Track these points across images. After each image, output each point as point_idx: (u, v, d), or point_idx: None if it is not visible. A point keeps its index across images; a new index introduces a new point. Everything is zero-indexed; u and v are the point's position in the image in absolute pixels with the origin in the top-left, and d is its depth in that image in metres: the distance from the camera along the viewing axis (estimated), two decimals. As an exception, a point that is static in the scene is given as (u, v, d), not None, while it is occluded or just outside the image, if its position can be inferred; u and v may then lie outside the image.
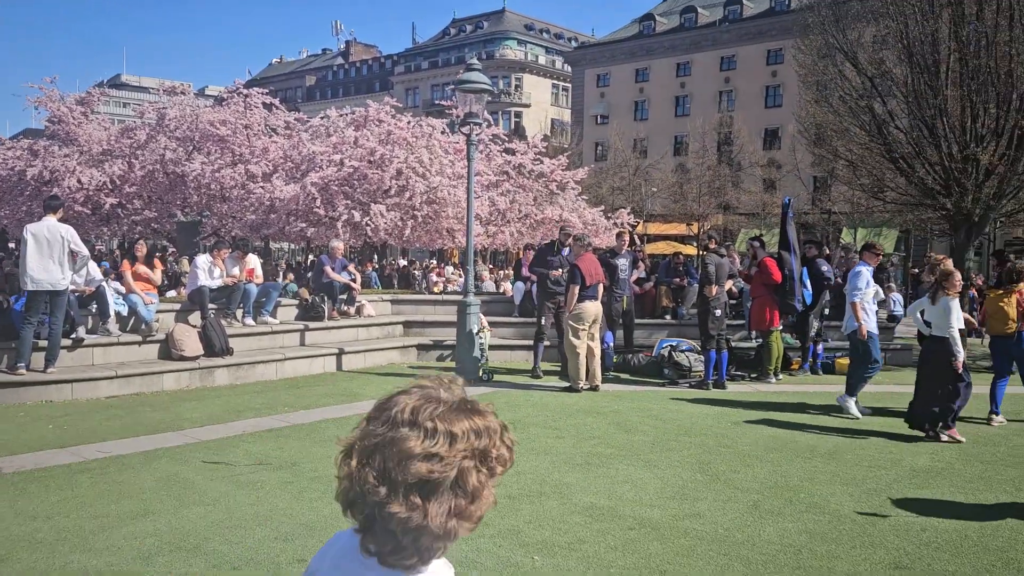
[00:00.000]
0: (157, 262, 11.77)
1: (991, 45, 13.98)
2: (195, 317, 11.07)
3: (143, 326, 10.48)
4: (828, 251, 16.24)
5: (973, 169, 14.33)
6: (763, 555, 4.91)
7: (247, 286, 11.79)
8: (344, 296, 13.42)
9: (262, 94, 23.37)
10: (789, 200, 12.85)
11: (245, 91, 22.98)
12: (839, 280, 12.56)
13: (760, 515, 5.66)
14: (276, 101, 24.19)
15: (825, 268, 12.81)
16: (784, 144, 45.22)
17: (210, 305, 11.05)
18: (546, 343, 12.11)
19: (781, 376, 11.99)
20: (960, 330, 8.23)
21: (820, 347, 12.86)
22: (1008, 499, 6.13)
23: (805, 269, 12.31)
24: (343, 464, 1.30)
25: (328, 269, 13.41)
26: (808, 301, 12.16)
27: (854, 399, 9.18)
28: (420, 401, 1.28)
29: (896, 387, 9.54)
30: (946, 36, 14.47)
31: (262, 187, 19.45)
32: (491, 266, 35.32)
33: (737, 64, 54.71)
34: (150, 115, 23.47)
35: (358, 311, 13.66)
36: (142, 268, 10.94)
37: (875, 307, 9.49)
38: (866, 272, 9.37)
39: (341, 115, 22.03)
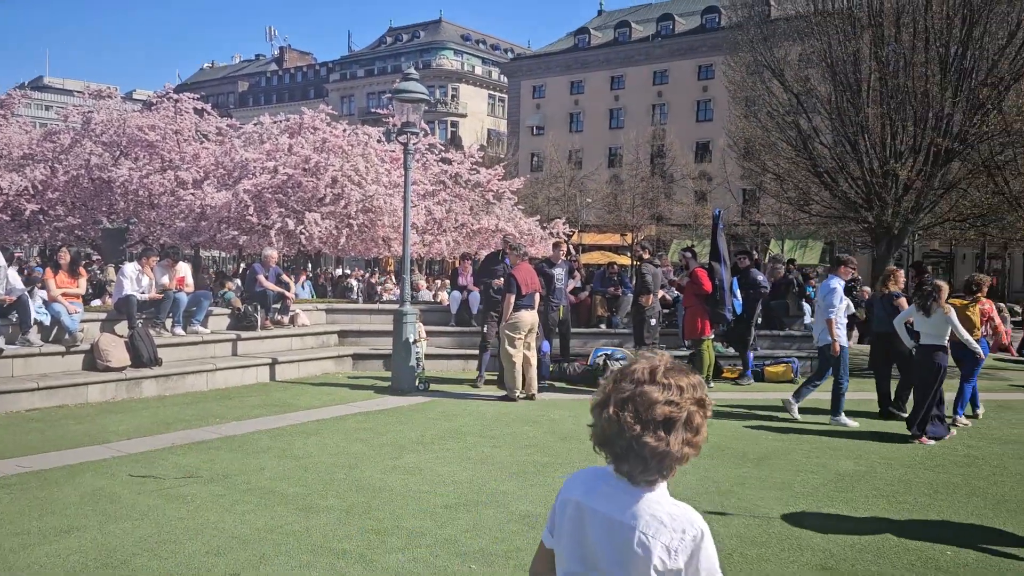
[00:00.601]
0: (81, 271, 11.37)
1: (908, 66, 14.49)
2: (122, 327, 10.70)
3: (66, 336, 10.09)
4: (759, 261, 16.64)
5: (893, 184, 14.81)
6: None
7: (177, 295, 11.46)
8: (278, 305, 13.18)
9: (193, 99, 22.86)
10: (719, 212, 13.13)
11: (175, 96, 22.44)
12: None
13: (714, 521, 5.75)
14: (208, 107, 23.69)
15: (760, 278, 13.12)
16: (715, 157, 46.35)
17: (138, 315, 10.74)
18: (492, 352, 12.07)
19: (713, 384, 12.20)
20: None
21: (751, 355, 13.15)
22: (926, 501, 6.37)
23: (736, 279, 12.59)
24: (600, 412, 1.85)
25: (261, 278, 13.16)
26: (738, 311, 12.43)
27: (842, 414, 9.46)
28: (652, 364, 1.81)
29: (824, 393, 9.79)
30: (867, 56, 14.94)
31: (192, 194, 18.99)
32: (427, 275, 35.16)
33: (669, 79, 55.85)
34: (75, 119, 22.74)
35: (292, 320, 13.44)
36: (65, 277, 10.59)
37: (845, 320, 9.80)
38: (840, 287, 9.66)
39: (275, 122, 21.64)
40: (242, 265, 27.45)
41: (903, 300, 9.96)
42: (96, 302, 14.73)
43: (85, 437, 7.86)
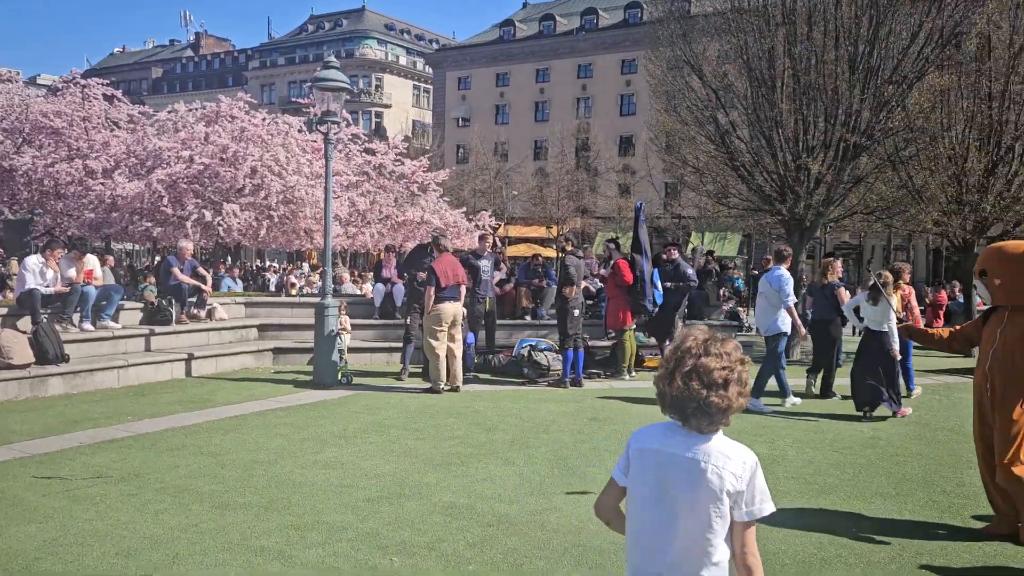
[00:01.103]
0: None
1: (819, 63, 14.85)
2: (25, 322, 10.23)
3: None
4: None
5: (805, 178, 15.21)
6: (615, 545, 5.05)
7: (85, 289, 10.98)
8: (194, 299, 12.83)
9: (102, 85, 21.99)
10: (641, 204, 13.31)
11: (83, 81, 21.56)
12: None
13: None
14: (119, 93, 22.82)
15: (690, 272, 13.30)
16: (638, 151, 46.94)
17: (42, 310, 10.27)
18: (416, 345, 11.97)
19: (635, 373, 12.42)
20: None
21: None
22: (833, 481, 6.61)
23: (656, 270, 12.79)
24: (667, 382, 2.32)
25: (176, 271, 12.77)
26: (659, 301, 12.62)
27: (790, 396, 9.99)
28: (702, 339, 2.30)
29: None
30: (781, 53, 15.21)
31: (102, 184, 18.31)
32: (351, 268, 34.70)
33: (594, 72, 56.30)
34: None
35: (209, 314, 13.08)
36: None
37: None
38: (791, 278, 10.15)
39: (190, 110, 21.03)
40: (156, 258, 26.58)
41: (842, 289, 10.45)
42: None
43: (-13, 437, 7.50)
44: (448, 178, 27.30)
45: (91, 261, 11.74)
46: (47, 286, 10.66)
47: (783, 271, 10.12)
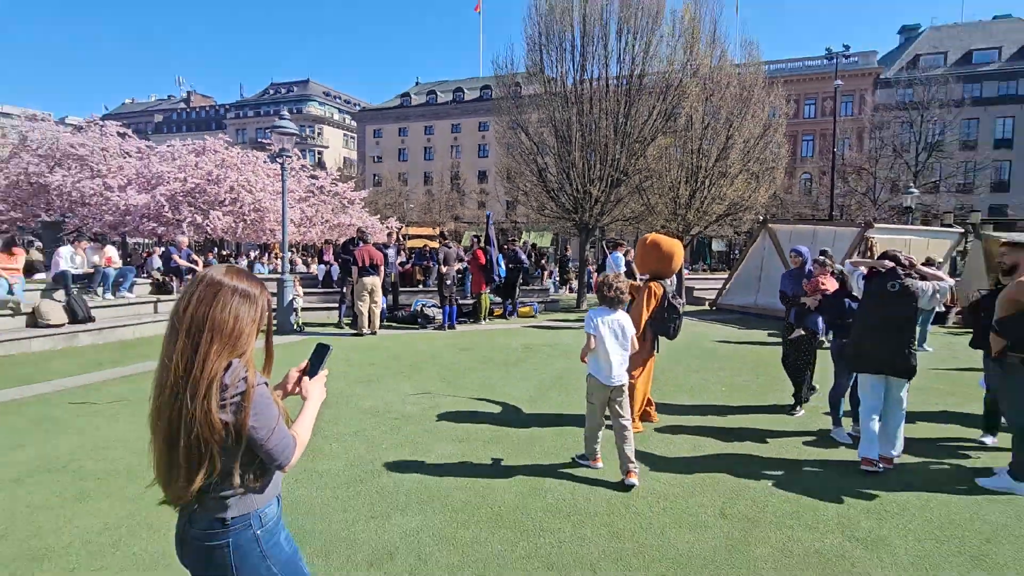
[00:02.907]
0: (16, 250, 9.42)
1: (596, 128, 15.29)
2: (60, 295, 9.09)
3: (10, 304, 8.40)
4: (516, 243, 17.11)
5: (589, 198, 15.72)
6: (473, 424, 5.18)
7: (106, 270, 9.88)
8: (189, 276, 11.73)
9: (116, 126, 19.45)
10: (490, 214, 13.33)
11: (101, 122, 19.00)
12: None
13: (473, 403, 5.95)
14: (129, 131, 20.24)
15: (523, 257, 13.51)
16: (490, 180, 46.92)
17: (73, 285, 9.12)
18: (347, 304, 11.56)
19: (488, 320, 12.55)
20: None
21: (514, 303, 13.59)
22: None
23: (501, 256, 12.91)
24: (606, 294, 3.82)
25: (176, 256, 11.67)
26: (503, 275, 12.76)
27: None
28: (613, 277, 3.88)
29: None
30: (575, 121, 15.53)
31: (118, 196, 16.30)
32: (303, 254, 32.78)
33: (461, 129, 55.57)
34: (12, 136, 18.57)
35: (201, 287, 12.03)
36: (4, 256, 8.75)
37: None
38: (622, 261, 10.30)
39: (184, 144, 19.04)
40: (161, 249, 24.01)
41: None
42: (40, 276, 12.30)
43: (30, 377, 6.64)
44: (367, 196, 26.23)
45: (110, 250, 10.55)
46: (76, 268, 9.48)
47: (619, 254, 10.45)
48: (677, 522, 3.44)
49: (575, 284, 20.33)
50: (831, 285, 5.35)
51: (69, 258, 9.44)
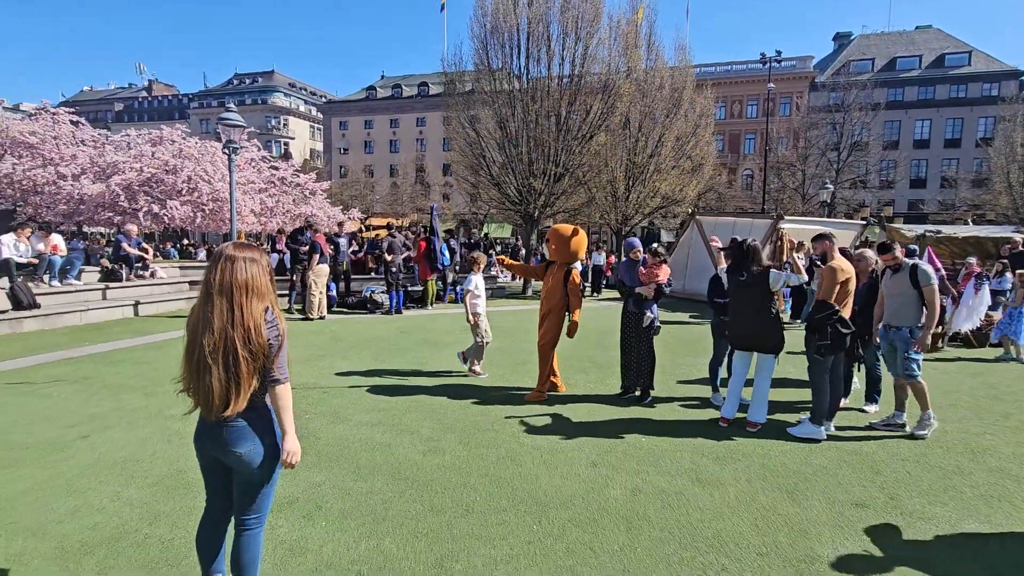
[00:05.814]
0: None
1: (539, 125, 15.44)
2: (3, 282, 8.88)
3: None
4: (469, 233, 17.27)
5: (533, 191, 16.00)
6: (395, 396, 5.46)
7: (51, 257, 9.68)
8: (139, 264, 11.60)
9: (68, 114, 18.64)
10: (434, 206, 13.46)
11: (53, 109, 18.19)
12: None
13: (401, 379, 6.21)
14: (82, 119, 19.40)
15: (447, 248, 13.62)
16: (454, 172, 46.56)
17: (17, 273, 8.93)
18: (298, 291, 11.55)
19: (434, 305, 12.77)
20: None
21: (457, 289, 13.81)
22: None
23: (444, 245, 13.10)
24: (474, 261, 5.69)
25: (124, 245, 11.46)
26: (446, 263, 12.96)
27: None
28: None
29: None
30: (519, 117, 15.63)
31: (71, 185, 15.76)
32: (261, 243, 32.14)
33: (426, 123, 54.99)
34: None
35: (152, 275, 11.88)
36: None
37: None
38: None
39: (139, 134, 18.47)
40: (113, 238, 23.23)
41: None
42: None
43: (-31, 363, 6.57)
44: (332, 186, 25.89)
45: (55, 238, 10.26)
46: (20, 256, 9.27)
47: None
48: (551, 472, 3.84)
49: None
50: (663, 275, 5.42)
51: (12, 246, 9.22)
